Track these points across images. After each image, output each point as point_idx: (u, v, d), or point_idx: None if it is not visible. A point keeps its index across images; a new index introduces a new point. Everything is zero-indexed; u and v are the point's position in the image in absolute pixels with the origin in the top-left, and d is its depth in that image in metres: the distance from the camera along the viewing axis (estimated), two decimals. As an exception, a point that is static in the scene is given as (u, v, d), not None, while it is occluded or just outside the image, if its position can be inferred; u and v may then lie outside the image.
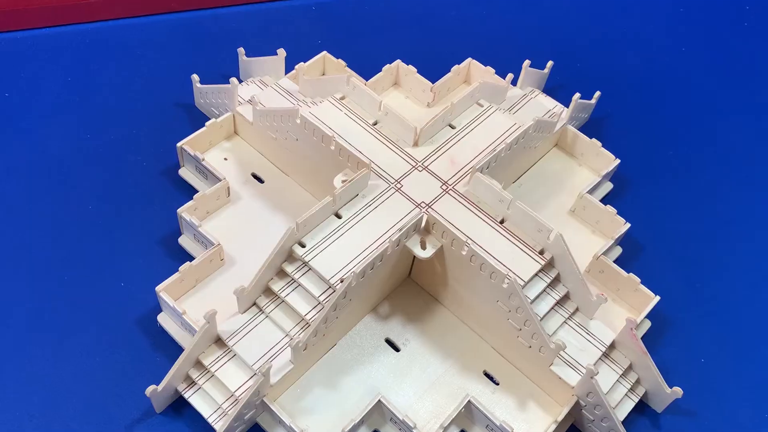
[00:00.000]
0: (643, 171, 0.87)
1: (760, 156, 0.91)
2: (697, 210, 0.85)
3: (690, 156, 0.90)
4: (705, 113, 0.95)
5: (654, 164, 0.89)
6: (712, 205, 0.86)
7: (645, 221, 0.81)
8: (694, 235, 0.83)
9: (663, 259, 0.80)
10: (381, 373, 0.67)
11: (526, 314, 0.63)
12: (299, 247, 0.64)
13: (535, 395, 0.67)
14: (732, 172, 0.89)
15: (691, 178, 0.88)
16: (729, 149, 0.92)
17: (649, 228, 0.81)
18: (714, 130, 0.93)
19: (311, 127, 0.70)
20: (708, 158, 0.90)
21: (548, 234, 0.66)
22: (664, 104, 0.95)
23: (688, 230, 0.83)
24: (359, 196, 0.68)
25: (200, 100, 0.84)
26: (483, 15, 1.02)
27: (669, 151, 0.90)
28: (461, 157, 0.73)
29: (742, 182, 0.88)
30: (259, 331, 0.64)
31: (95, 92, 0.85)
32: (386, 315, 0.71)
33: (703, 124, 0.94)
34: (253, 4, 0.97)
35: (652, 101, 0.95)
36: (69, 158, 0.79)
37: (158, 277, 0.69)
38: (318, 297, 0.63)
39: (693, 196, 0.86)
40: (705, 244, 0.82)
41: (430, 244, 0.66)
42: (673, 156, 0.90)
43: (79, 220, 0.75)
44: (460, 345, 0.69)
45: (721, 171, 0.89)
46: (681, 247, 0.81)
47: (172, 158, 0.80)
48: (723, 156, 0.91)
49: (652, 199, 0.85)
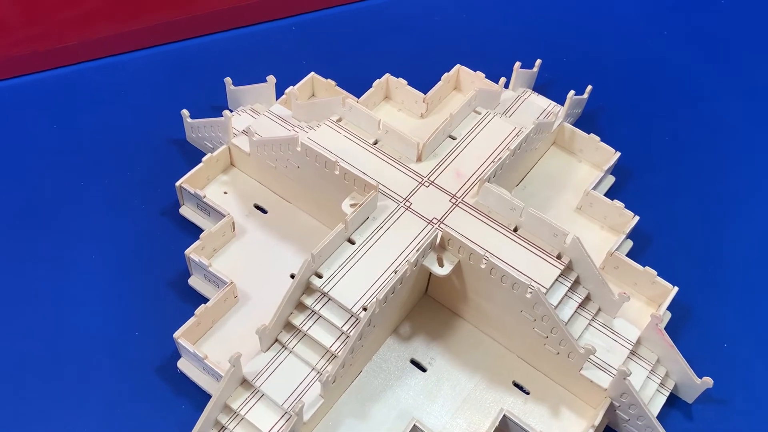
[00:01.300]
0: (642, 160, 0.87)
1: (757, 132, 0.91)
2: (701, 193, 0.85)
3: (687, 140, 0.90)
4: (695, 95, 0.95)
5: (652, 152, 0.88)
6: (716, 187, 0.86)
7: (651, 211, 0.81)
8: (701, 220, 0.82)
9: (674, 248, 0.80)
10: (411, 396, 0.66)
11: (552, 322, 0.62)
12: (316, 278, 0.63)
13: (566, 401, 0.67)
14: (732, 151, 0.89)
15: (691, 162, 0.88)
16: (724, 129, 0.92)
17: (656, 217, 0.81)
18: (707, 111, 0.93)
19: (313, 154, 0.69)
20: (705, 140, 0.90)
21: (564, 238, 0.66)
22: (654, 91, 0.95)
23: (695, 215, 0.83)
24: (369, 219, 0.67)
25: (192, 135, 0.82)
26: (464, 20, 1.01)
27: (665, 137, 0.90)
28: (466, 168, 0.72)
29: (743, 161, 0.88)
30: (284, 369, 0.63)
31: (83, 137, 0.83)
32: (408, 335, 0.70)
33: (695, 106, 0.94)
34: (232, 30, 0.95)
35: (642, 89, 0.95)
36: (65, 208, 0.77)
37: (173, 322, 0.68)
38: (341, 327, 0.62)
39: (696, 180, 0.86)
40: (714, 227, 0.82)
41: (447, 261, 0.65)
42: (670, 142, 0.90)
43: (83, 271, 0.73)
44: (486, 358, 0.69)
45: (720, 151, 0.89)
46: (690, 234, 0.81)
47: (170, 197, 0.78)
48: (720, 136, 0.91)
49: (655, 188, 0.85)
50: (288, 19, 0.98)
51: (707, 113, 0.93)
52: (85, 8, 0.86)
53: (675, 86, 0.96)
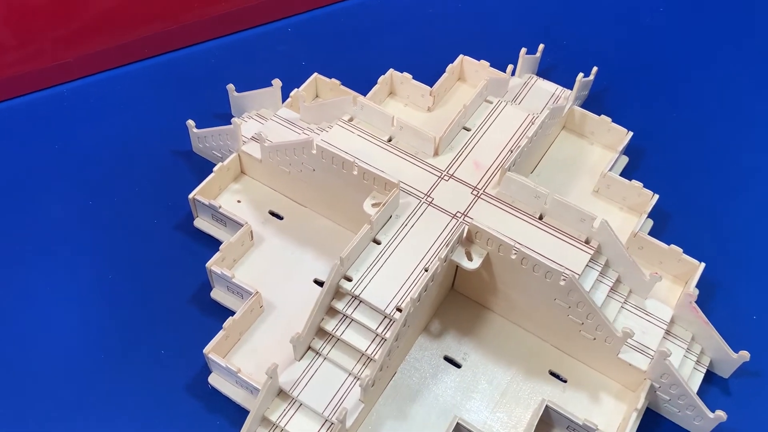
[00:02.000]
0: (653, 138, 0.87)
1: (764, 99, 0.91)
2: (716, 166, 0.85)
3: (695, 113, 0.90)
4: (698, 68, 0.95)
5: (661, 129, 0.88)
6: (731, 158, 0.85)
7: (667, 188, 0.80)
8: (719, 193, 0.82)
9: (694, 224, 0.79)
10: (448, 393, 0.65)
11: (588, 308, 0.62)
12: (346, 281, 0.62)
13: (605, 386, 0.66)
14: (742, 120, 0.89)
15: (702, 135, 0.88)
16: (731, 99, 0.92)
17: (673, 194, 0.80)
18: (711, 83, 0.93)
19: (329, 155, 0.68)
20: (714, 112, 0.90)
21: (592, 222, 0.65)
22: (657, 67, 0.95)
23: (712, 189, 0.83)
24: (393, 217, 0.66)
25: (199, 145, 0.81)
26: (460, 11, 1.00)
27: (673, 113, 0.90)
28: (484, 159, 0.71)
29: (755, 130, 0.88)
30: (320, 376, 0.62)
31: (87, 155, 0.81)
32: (439, 332, 0.69)
33: (699, 79, 0.94)
34: (227, 36, 0.93)
35: (644, 67, 0.95)
36: (76, 229, 0.75)
37: (198, 337, 0.67)
38: (375, 330, 0.61)
39: (709, 154, 0.86)
40: (731, 199, 0.82)
41: (475, 254, 0.64)
42: (679, 117, 0.89)
43: (101, 293, 0.71)
44: (521, 349, 0.68)
45: (730, 122, 0.89)
46: (709, 208, 0.81)
47: (182, 210, 0.76)
48: (728, 107, 0.91)
49: (668, 165, 0.84)
50: (283, 21, 0.96)
51: (712, 84, 0.93)
52: (77, 24, 0.84)
53: (677, 61, 0.96)
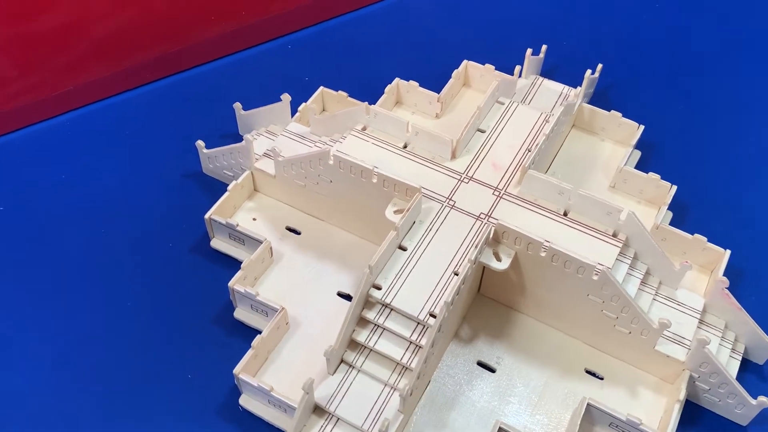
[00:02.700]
0: (662, 130, 0.86)
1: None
2: (728, 152, 0.85)
3: (701, 102, 0.90)
4: (699, 57, 0.96)
5: (669, 121, 0.88)
6: (742, 143, 0.86)
7: (682, 179, 0.79)
8: (734, 179, 0.82)
9: (713, 211, 0.79)
10: (485, 399, 0.64)
11: (623, 301, 0.61)
12: (375, 290, 0.61)
13: (642, 380, 0.65)
14: (748, 105, 0.90)
15: (710, 123, 0.88)
16: (736, 84, 0.92)
17: (688, 184, 0.80)
18: (713, 70, 0.94)
19: (347, 165, 0.67)
20: (719, 99, 0.90)
21: (618, 215, 0.64)
22: (659, 59, 0.95)
23: (726, 175, 0.83)
24: (416, 223, 0.65)
25: (209, 166, 0.79)
26: (456, 18, 1.00)
27: (679, 104, 0.90)
28: (502, 159, 0.71)
29: (763, 112, 0.89)
30: (356, 389, 0.60)
31: (95, 184, 0.80)
32: (469, 338, 0.68)
33: (701, 68, 0.94)
34: (228, 57, 0.93)
35: (646, 60, 0.95)
36: (90, 259, 0.74)
37: (225, 359, 0.65)
38: (409, 337, 0.60)
39: (720, 140, 0.86)
40: (748, 183, 0.82)
41: (503, 254, 0.63)
42: (685, 107, 0.90)
43: (120, 321, 0.69)
44: (554, 349, 0.67)
45: (737, 108, 0.90)
46: (726, 194, 0.81)
47: (198, 232, 0.75)
48: (734, 93, 0.91)
49: (681, 155, 0.84)
50: (282, 39, 0.96)
51: (715, 72, 0.94)
52: (77, 52, 0.83)
53: (677, 53, 0.96)
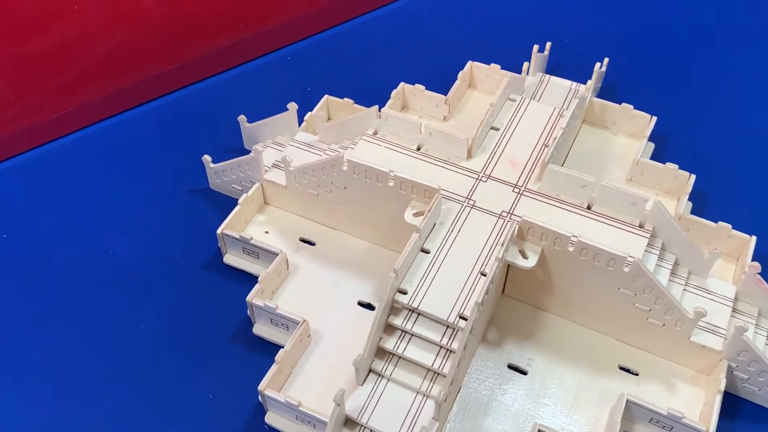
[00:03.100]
0: (672, 121, 0.85)
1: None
2: (742, 138, 0.84)
3: (709, 90, 0.90)
4: (702, 45, 0.95)
5: (679, 110, 0.87)
6: (755, 128, 0.85)
7: (698, 167, 0.78)
8: (750, 164, 0.81)
9: (733, 198, 0.78)
10: (519, 402, 0.61)
11: (656, 292, 0.59)
12: (401, 295, 0.59)
13: (678, 374, 0.63)
14: (757, 84, 0.90)
15: (722, 110, 0.87)
16: (743, 65, 0.92)
17: (705, 172, 0.79)
18: (718, 56, 0.94)
19: (362, 170, 0.65)
20: (727, 85, 0.90)
21: (644, 204, 0.63)
22: (662, 50, 0.95)
23: (743, 161, 0.82)
24: (437, 224, 0.64)
25: (216, 181, 0.78)
26: (455, 21, 0.99)
27: (687, 93, 0.89)
28: (519, 156, 0.69)
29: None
30: (387, 398, 0.58)
31: (99, 206, 0.77)
32: (497, 341, 0.66)
33: (706, 55, 0.94)
34: (229, 71, 0.91)
35: (649, 51, 0.95)
36: (99, 283, 0.71)
37: (247, 377, 0.63)
38: (440, 342, 0.58)
39: (732, 125, 0.85)
40: (765, 167, 0.81)
41: (530, 252, 0.61)
42: (694, 96, 0.89)
43: (135, 345, 0.67)
44: (585, 347, 0.65)
45: (746, 93, 0.89)
46: (745, 180, 0.80)
47: (209, 249, 0.73)
48: (741, 74, 0.91)
49: (695, 144, 0.83)
50: (280, 51, 0.94)
51: (720, 58, 0.93)
52: (74, 73, 0.81)
53: (680, 41, 0.96)
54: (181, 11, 0.83)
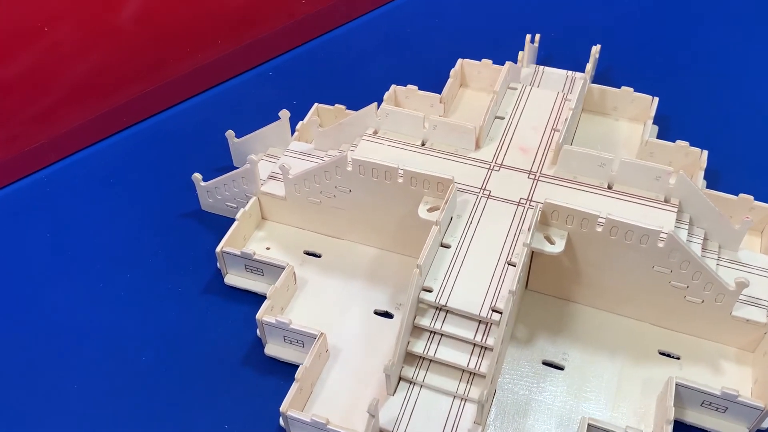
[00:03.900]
0: (671, 99, 0.83)
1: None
2: (747, 111, 0.83)
3: (705, 66, 0.89)
4: (693, 22, 0.95)
5: (678, 90, 0.85)
6: (758, 99, 0.85)
7: (707, 144, 0.76)
8: (758, 133, 0.81)
9: (746, 172, 0.76)
10: (560, 399, 0.57)
11: (694, 265, 0.56)
12: (427, 293, 0.55)
13: (721, 353, 0.60)
14: (753, 58, 0.89)
15: (721, 85, 0.86)
16: (735, 34, 0.92)
17: (713, 147, 0.76)
18: (711, 31, 0.94)
19: (368, 168, 0.62)
20: (723, 59, 0.90)
21: (669, 178, 0.60)
22: (648, 31, 0.94)
23: (751, 133, 0.80)
24: (454, 218, 0.60)
25: (208, 200, 0.73)
26: (436, 25, 0.97)
27: (683, 72, 0.88)
28: (529, 143, 0.66)
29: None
30: (422, 406, 0.54)
31: (86, 238, 0.72)
32: (527, 338, 0.62)
33: (698, 33, 0.93)
34: (209, 90, 0.87)
35: (637, 34, 0.94)
36: (92, 317, 0.66)
37: (263, 402, 0.59)
38: (473, 339, 0.54)
39: (735, 100, 0.84)
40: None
41: (556, 237, 0.58)
42: (691, 74, 0.88)
43: (140, 380, 0.61)
44: (620, 336, 0.61)
45: (743, 64, 0.89)
46: (756, 152, 0.78)
47: (208, 272, 0.68)
48: (733, 43, 0.91)
49: (699, 122, 0.82)
50: (261, 67, 0.91)
51: (709, 32, 0.93)
52: (48, 100, 0.76)
53: (667, 20, 0.95)
54: (157, 30, 0.79)
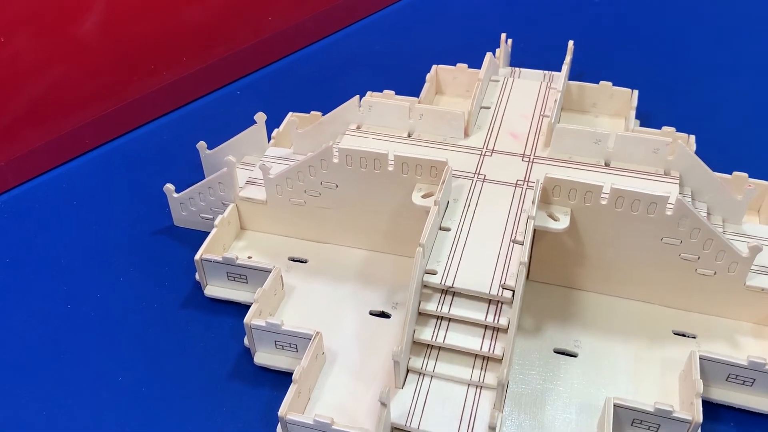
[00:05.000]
0: (650, 92, 0.82)
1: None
2: (724, 90, 0.85)
3: (684, 53, 0.90)
4: (664, 11, 0.97)
5: (654, 81, 0.86)
6: (732, 76, 0.87)
7: (691, 128, 0.75)
8: (740, 113, 0.82)
9: (734, 152, 0.75)
10: (577, 387, 0.53)
11: (706, 232, 0.53)
12: (431, 276, 0.51)
13: (737, 329, 0.57)
14: (726, 42, 0.92)
15: (700, 71, 0.88)
16: (705, 21, 0.95)
17: (698, 131, 0.76)
18: (679, 18, 0.96)
19: (356, 158, 0.58)
20: (697, 44, 0.92)
21: (668, 149, 0.58)
22: (619, 27, 0.95)
23: (732, 116, 0.81)
24: (451, 202, 0.57)
25: (182, 214, 0.69)
26: (402, 43, 0.96)
27: (658, 63, 0.89)
28: (519, 128, 0.64)
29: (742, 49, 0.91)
30: (435, 397, 0.49)
31: (47, 261, 0.67)
32: (534, 328, 0.58)
33: (670, 23, 0.95)
34: (176, 111, 0.83)
35: (607, 31, 0.95)
36: (60, 341, 0.60)
37: (256, 414, 0.54)
38: (484, 321, 0.50)
39: (712, 85, 0.86)
40: (755, 113, 0.81)
41: (559, 213, 0.55)
42: (666, 64, 0.89)
43: (122, 403, 0.56)
44: (632, 319, 0.58)
45: (718, 48, 0.91)
46: (739, 133, 0.79)
47: (185, 286, 0.64)
48: (707, 27, 0.94)
49: (680, 110, 0.81)
50: (229, 87, 0.88)
51: (690, 23, 0.95)
52: (6, 119, 0.72)
53: (643, 13, 0.97)
54: (121, 44, 0.75)
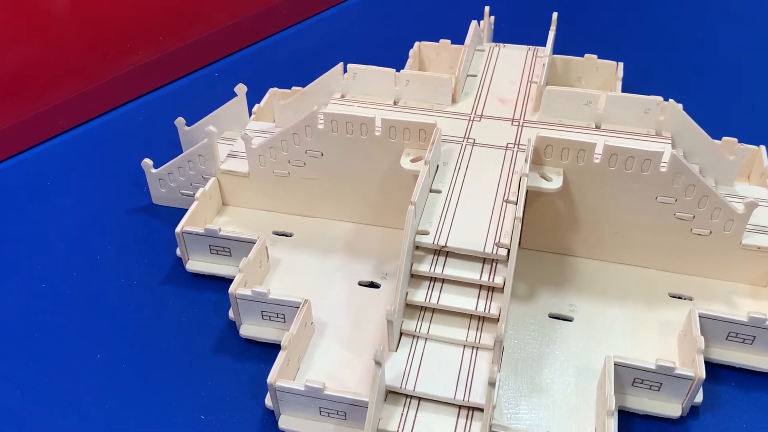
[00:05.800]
0: (635, 64, 0.82)
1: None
2: (710, 58, 0.86)
3: (667, 21, 0.91)
4: None
5: (640, 51, 0.85)
6: (721, 47, 0.88)
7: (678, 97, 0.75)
8: (729, 81, 0.82)
9: (724, 119, 0.74)
10: (574, 350, 0.52)
11: (701, 188, 0.52)
12: (423, 236, 0.49)
13: (734, 291, 0.56)
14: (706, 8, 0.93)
15: (685, 38, 0.89)
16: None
17: (685, 99, 0.75)
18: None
19: (342, 123, 0.57)
20: (683, 14, 0.93)
21: (659, 108, 0.57)
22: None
23: (720, 81, 0.82)
24: (441, 166, 0.55)
25: (161, 191, 0.66)
26: (383, 21, 0.95)
27: (643, 28, 0.90)
28: (507, 94, 0.63)
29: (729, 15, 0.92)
30: (431, 359, 0.47)
31: (20, 241, 0.64)
32: (528, 294, 0.56)
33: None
34: (156, 91, 0.81)
35: (595, 6, 0.95)
36: (36, 319, 0.57)
37: (243, 388, 0.52)
38: (479, 280, 0.48)
39: (695, 51, 0.87)
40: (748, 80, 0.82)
41: (552, 174, 0.54)
42: (652, 31, 0.89)
43: (93, 377, 0.53)
44: (627, 283, 0.57)
45: (697, 17, 0.92)
46: (729, 98, 0.79)
47: (166, 263, 0.61)
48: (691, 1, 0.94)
49: (668, 80, 0.81)
50: (207, 68, 0.86)
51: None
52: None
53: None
54: (95, 22, 0.73)
